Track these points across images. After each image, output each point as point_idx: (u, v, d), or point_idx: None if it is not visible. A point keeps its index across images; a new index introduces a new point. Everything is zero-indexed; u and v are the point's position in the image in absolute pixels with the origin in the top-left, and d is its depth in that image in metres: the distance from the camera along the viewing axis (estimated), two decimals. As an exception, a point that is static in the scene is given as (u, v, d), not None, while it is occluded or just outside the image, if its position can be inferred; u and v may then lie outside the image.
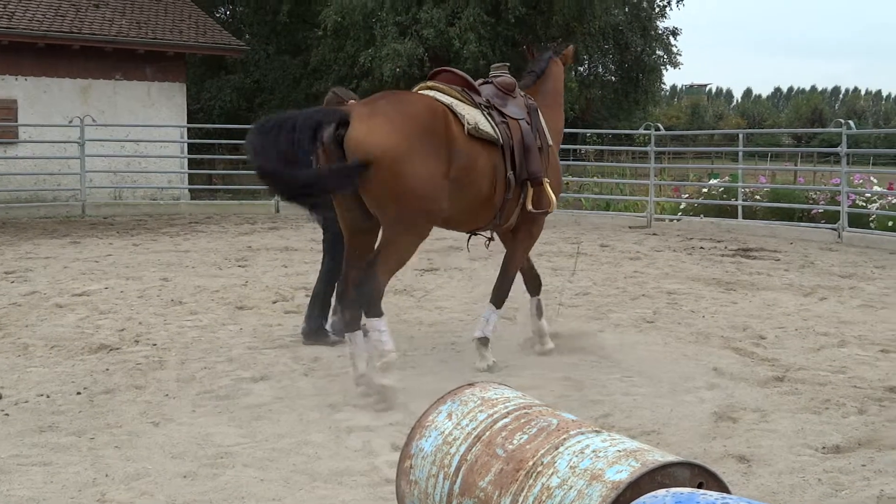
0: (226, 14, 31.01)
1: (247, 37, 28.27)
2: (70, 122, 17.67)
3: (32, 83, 19.18)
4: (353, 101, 6.79)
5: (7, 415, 5.25)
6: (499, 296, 6.70)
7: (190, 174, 21.23)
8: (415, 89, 6.53)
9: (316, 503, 4.09)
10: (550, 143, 6.80)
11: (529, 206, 6.44)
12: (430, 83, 6.47)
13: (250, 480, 4.31)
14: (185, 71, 22.11)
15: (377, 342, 5.69)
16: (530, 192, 6.42)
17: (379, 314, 5.63)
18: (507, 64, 7.36)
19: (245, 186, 22.09)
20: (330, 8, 24.31)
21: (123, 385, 5.88)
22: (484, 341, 6.54)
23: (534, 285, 7.11)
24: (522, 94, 6.88)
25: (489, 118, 6.22)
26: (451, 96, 6.18)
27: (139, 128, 19.05)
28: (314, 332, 7.22)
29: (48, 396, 5.61)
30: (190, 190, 20.77)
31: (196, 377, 6.11)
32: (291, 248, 12.77)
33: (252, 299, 8.92)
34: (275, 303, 8.78)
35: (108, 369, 6.27)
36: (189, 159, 20.81)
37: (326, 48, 25.48)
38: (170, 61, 21.04)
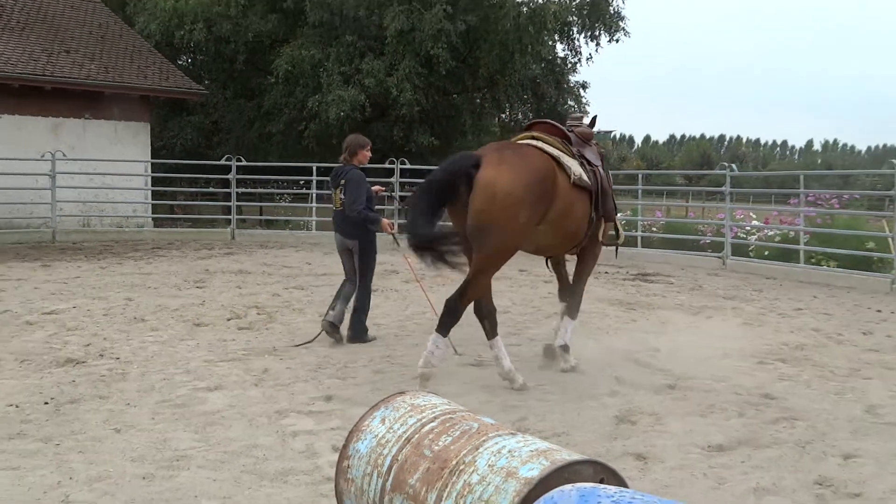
0: (187, 61, 30.57)
1: (206, 82, 27.91)
2: (42, 156, 17.24)
3: (7, 120, 18.66)
4: None
5: (-21, 422, 5.09)
6: (573, 308, 7.05)
7: (153, 204, 20.85)
8: (517, 138, 6.79)
9: (263, 500, 4.04)
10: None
11: (602, 238, 6.94)
12: (534, 133, 6.68)
13: (203, 481, 4.24)
14: (150, 112, 21.73)
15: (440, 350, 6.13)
16: (603, 226, 6.85)
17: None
18: (585, 114, 7.76)
19: (204, 216, 21.81)
20: (281, 58, 24.19)
21: (88, 395, 5.74)
22: (566, 348, 6.86)
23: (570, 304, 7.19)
24: (594, 142, 7.15)
25: (583, 167, 6.53)
26: (556, 147, 6.42)
27: (106, 162, 18.65)
28: (359, 335, 7.72)
29: (17, 406, 5.45)
30: (153, 219, 20.39)
31: (156, 387, 5.99)
32: (245, 272, 12.60)
33: (209, 317, 8.78)
34: (229, 320, 8.66)
35: (74, 381, 6.11)
36: (153, 191, 20.46)
37: (278, 93, 25.31)
38: (135, 103, 20.67)
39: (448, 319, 6.09)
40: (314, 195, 18.86)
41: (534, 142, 6.46)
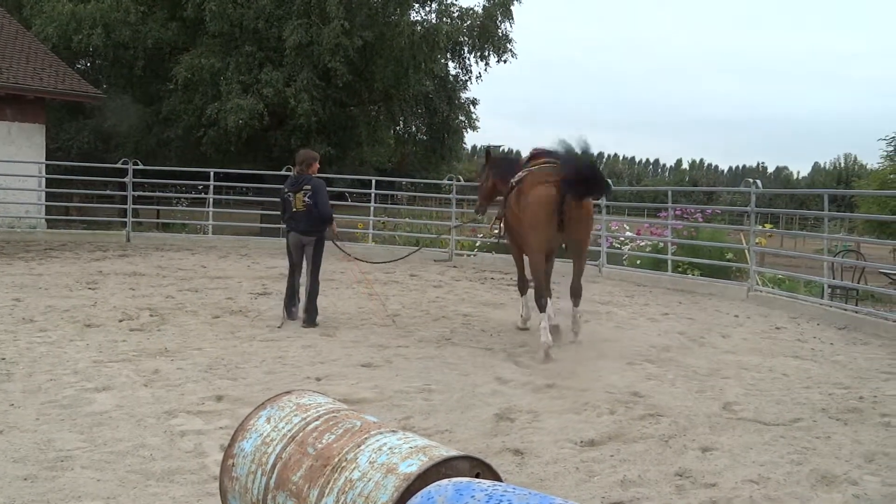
0: (86, 65, 29.32)
1: (104, 86, 26.83)
2: (-69, 154, 16.19)
3: None
4: None
5: None
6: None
7: (47, 206, 19.86)
8: (534, 165, 8.03)
9: (148, 500, 3.87)
10: None
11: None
12: (543, 160, 7.99)
13: (88, 481, 4.04)
14: (45, 113, 20.72)
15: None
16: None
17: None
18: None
19: (99, 218, 20.91)
20: (181, 66, 23.52)
21: (-31, 396, 5.39)
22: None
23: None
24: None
25: None
26: None
27: (-1, 163, 17.66)
28: (313, 319, 8.59)
29: None
30: (47, 220, 19.41)
31: (42, 388, 5.68)
32: (139, 273, 12.12)
33: (100, 318, 8.39)
34: (121, 321, 8.30)
35: (-45, 382, 5.73)
36: (47, 192, 19.48)
37: (177, 100, 24.58)
38: (30, 104, 19.65)
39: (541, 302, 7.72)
40: (211, 200, 18.37)
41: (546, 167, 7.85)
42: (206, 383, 6.01)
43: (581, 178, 7.38)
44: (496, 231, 9.54)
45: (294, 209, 8.65)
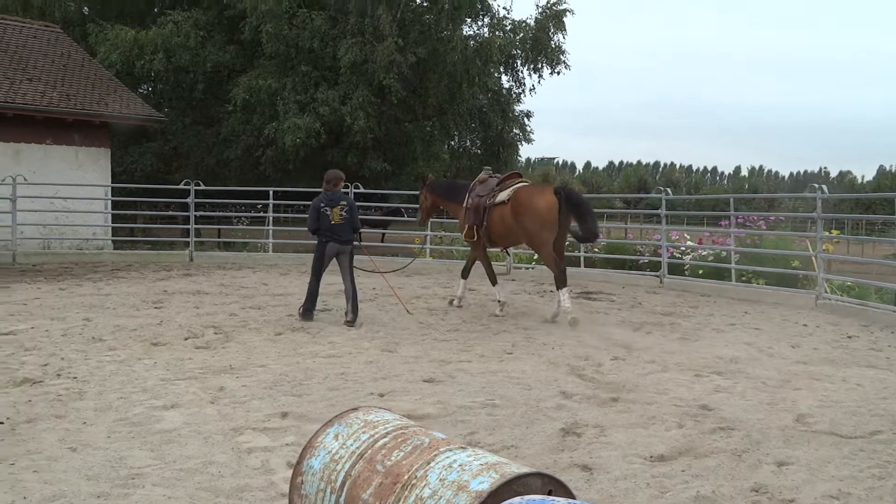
0: (148, 90, 30.13)
1: (166, 109, 27.52)
2: (3, 180, 16.75)
3: (-31, 146, 18.19)
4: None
5: (-69, 444, 4.85)
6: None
7: (113, 227, 20.41)
8: (516, 183, 10.61)
9: (218, 517, 3.90)
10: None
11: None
12: (519, 179, 10.86)
13: (159, 498, 4.08)
14: (110, 138, 21.33)
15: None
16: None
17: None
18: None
19: (163, 239, 21.40)
20: (239, 87, 23.99)
21: (45, 414, 5.52)
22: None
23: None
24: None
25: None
26: None
27: (67, 186, 18.21)
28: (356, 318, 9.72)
29: (-28, 426, 5.21)
30: (113, 241, 19.94)
31: (112, 406, 5.78)
32: (203, 292, 12.34)
33: (166, 336, 8.55)
34: (186, 339, 8.44)
35: (30, 401, 5.87)
36: (113, 214, 20.02)
37: (236, 121, 25.06)
38: (96, 129, 20.26)
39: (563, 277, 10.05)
40: (271, 218, 18.64)
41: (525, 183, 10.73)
42: (270, 400, 6.05)
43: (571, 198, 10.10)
44: (472, 237, 10.99)
45: (332, 222, 9.79)
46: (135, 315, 9.98)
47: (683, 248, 15.99)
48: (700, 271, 14.75)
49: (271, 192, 18.38)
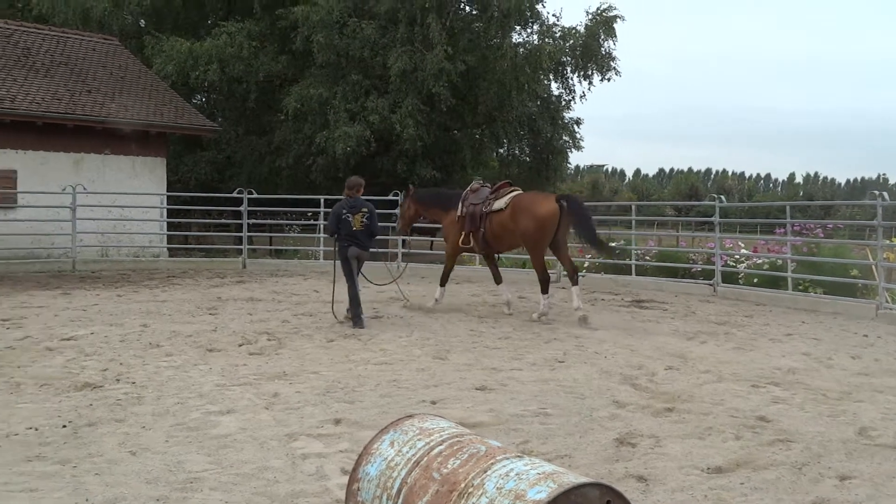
0: (202, 100, 30.72)
1: (219, 119, 28.03)
2: (63, 190, 17.23)
3: (31, 156, 18.71)
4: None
5: (-2, 446, 4.99)
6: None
7: (168, 235, 20.83)
8: (510, 192, 11.35)
9: (274, 522, 3.93)
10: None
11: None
12: (511, 188, 11.55)
13: (216, 503, 4.13)
14: (166, 147, 21.79)
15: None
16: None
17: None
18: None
19: (216, 246, 21.76)
20: (291, 97, 24.30)
21: (105, 419, 5.64)
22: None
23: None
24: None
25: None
26: None
27: (125, 195, 18.66)
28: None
29: (36, 429, 5.34)
30: (168, 248, 20.35)
31: (170, 411, 5.89)
32: (256, 299, 12.52)
33: (221, 343, 8.68)
34: (240, 346, 8.56)
35: (91, 405, 6.01)
36: (168, 222, 20.44)
37: (287, 130, 25.40)
38: (152, 139, 20.73)
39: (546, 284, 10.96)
40: (321, 226, 18.81)
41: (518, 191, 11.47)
42: (324, 406, 6.09)
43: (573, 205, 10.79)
44: (468, 243, 11.58)
45: (353, 228, 10.17)
46: (190, 321, 10.16)
47: (738, 257, 15.71)
48: (755, 280, 14.48)
49: (322, 200, 18.56)
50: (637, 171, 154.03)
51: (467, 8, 27.68)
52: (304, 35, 23.91)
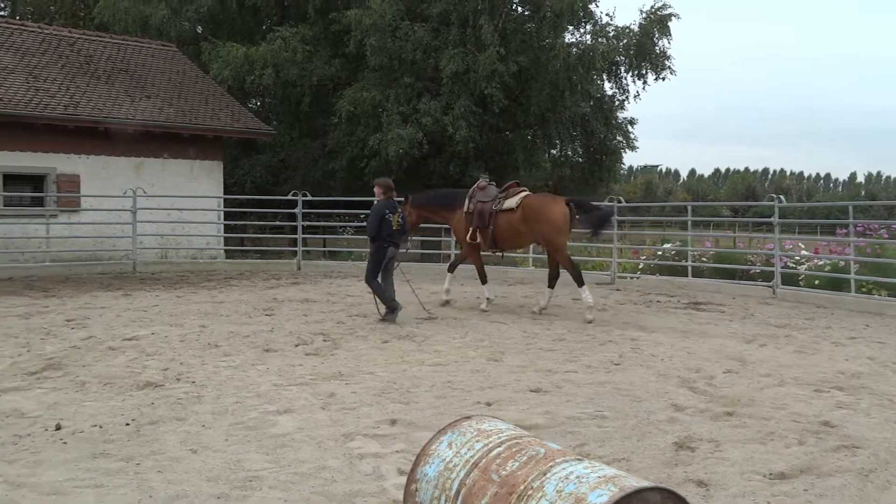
0: (257, 104, 31.19)
1: (274, 123, 28.39)
2: (124, 193, 17.65)
3: (94, 161, 19.21)
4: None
5: (65, 443, 5.12)
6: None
7: (225, 237, 21.18)
8: (520, 192, 11.58)
9: (332, 521, 3.96)
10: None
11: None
12: (520, 188, 11.77)
13: (275, 501, 4.18)
14: (223, 151, 22.16)
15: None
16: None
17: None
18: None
19: (271, 248, 22.05)
20: (344, 100, 24.49)
21: (166, 417, 5.75)
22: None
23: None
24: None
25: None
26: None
27: (183, 198, 19.04)
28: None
29: (101, 427, 5.48)
30: (225, 251, 20.70)
31: (229, 410, 5.98)
32: (311, 300, 12.65)
33: (277, 343, 8.79)
34: (297, 346, 8.66)
35: (153, 403, 6.14)
36: (225, 225, 20.79)
37: (341, 133, 25.61)
38: (209, 143, 21.12)
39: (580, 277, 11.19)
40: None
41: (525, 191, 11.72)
42: (379, 407, 6.13)
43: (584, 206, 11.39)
44: (475, 239, 11.77)
45: (393, 228, 10.64)
46: (247, 322, 10.31)
47: (798, 258, 15.37)
48: (816, 282, 14.15)
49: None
50: (692, 172, 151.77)
51: (519, 9, 27.58)
52: (357, 38, 24.08)
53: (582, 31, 27.69)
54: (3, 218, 17.71)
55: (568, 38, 27.11)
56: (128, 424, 5.55)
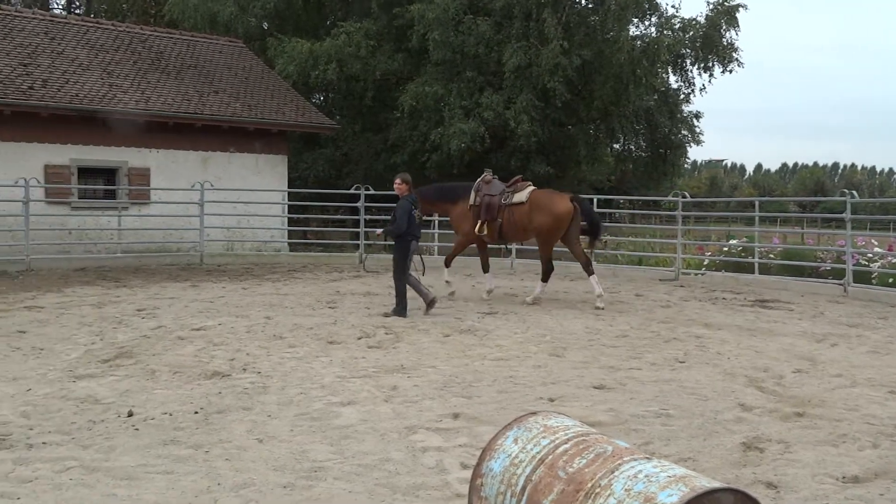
0: (321, 99, 31.51)
1: (337, 117, 28.65)
2: (192, 186, 18.05)
3: (163, 154, 19.67)
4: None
5: (137, 429, 5.26)
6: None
7: (289, 230, 21.48)
8: (528, 187, 11.95)
9: (396, 514, 3.98)
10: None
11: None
12: (527, 183, 12.10)
13: (340, 492, 4.22)
14: (287, 145, 22.48)
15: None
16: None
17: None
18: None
19: (334, 241, 22.28)
20: (406, 94, 24.58)
21: (233, 406, 5.86)
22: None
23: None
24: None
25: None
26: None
27: (248, 192, 19.37)
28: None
29: (171, 414, 5.61)
30: (289, 243, 21.00)
31: (294, 401, 6.06)
32: (373, 293, 12.75)
33: (340, 335, 8.88)
34: (359, 339, 8.74)
35: (220, 392, 6.26)
36: (288, 218, 21.08)
37: (403, 127, 25.73)
38: (274, 137, 21.44)
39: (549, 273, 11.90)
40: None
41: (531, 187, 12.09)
42: (441, 400, 6.14)
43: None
44: (483, 231, 12.03)
45: (417, 222, 10.91)
46: (311, 314, 10.44)
47: (871, 255, 14.87)
48: (890, 280, 13.68)
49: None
50: (758, 167, 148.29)
51: (583, 2, 27.30)
52: (420, 33, 24.14)
53: (647, 23, 27.31)
54: (78, 210, 18.28)
55: (632, 30, 26.71)
56: (196, 413, 5.67)
